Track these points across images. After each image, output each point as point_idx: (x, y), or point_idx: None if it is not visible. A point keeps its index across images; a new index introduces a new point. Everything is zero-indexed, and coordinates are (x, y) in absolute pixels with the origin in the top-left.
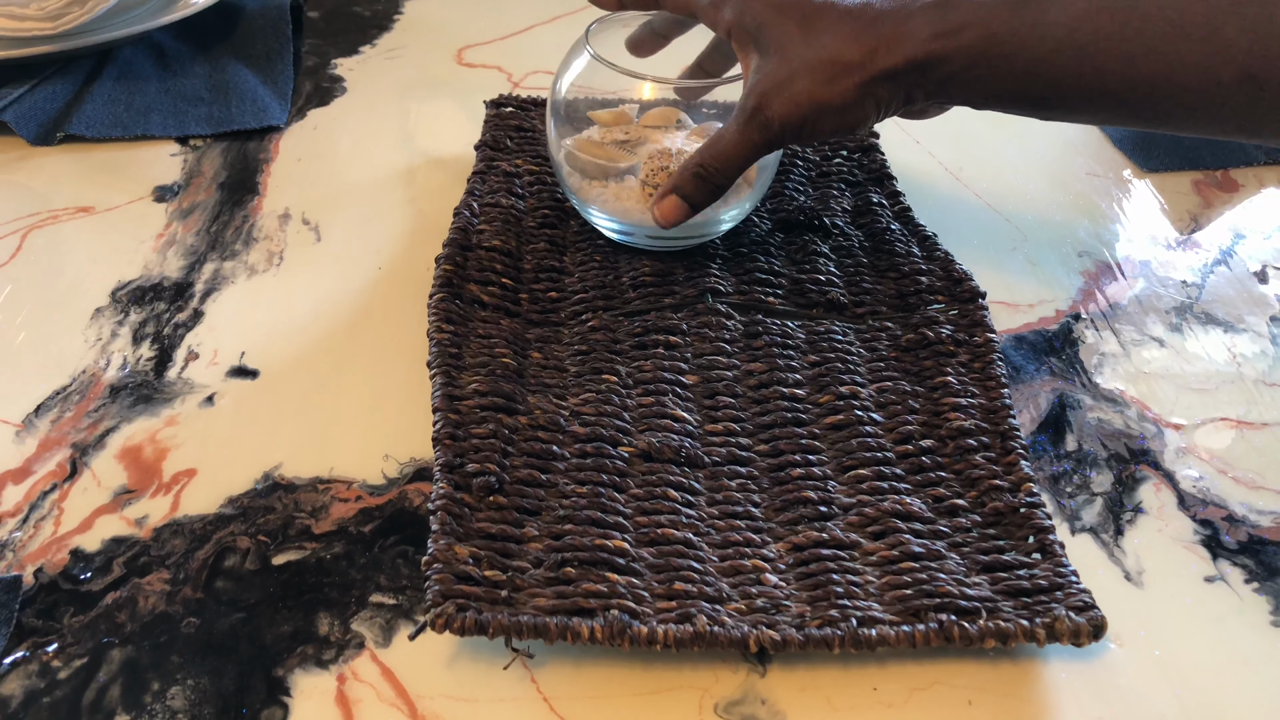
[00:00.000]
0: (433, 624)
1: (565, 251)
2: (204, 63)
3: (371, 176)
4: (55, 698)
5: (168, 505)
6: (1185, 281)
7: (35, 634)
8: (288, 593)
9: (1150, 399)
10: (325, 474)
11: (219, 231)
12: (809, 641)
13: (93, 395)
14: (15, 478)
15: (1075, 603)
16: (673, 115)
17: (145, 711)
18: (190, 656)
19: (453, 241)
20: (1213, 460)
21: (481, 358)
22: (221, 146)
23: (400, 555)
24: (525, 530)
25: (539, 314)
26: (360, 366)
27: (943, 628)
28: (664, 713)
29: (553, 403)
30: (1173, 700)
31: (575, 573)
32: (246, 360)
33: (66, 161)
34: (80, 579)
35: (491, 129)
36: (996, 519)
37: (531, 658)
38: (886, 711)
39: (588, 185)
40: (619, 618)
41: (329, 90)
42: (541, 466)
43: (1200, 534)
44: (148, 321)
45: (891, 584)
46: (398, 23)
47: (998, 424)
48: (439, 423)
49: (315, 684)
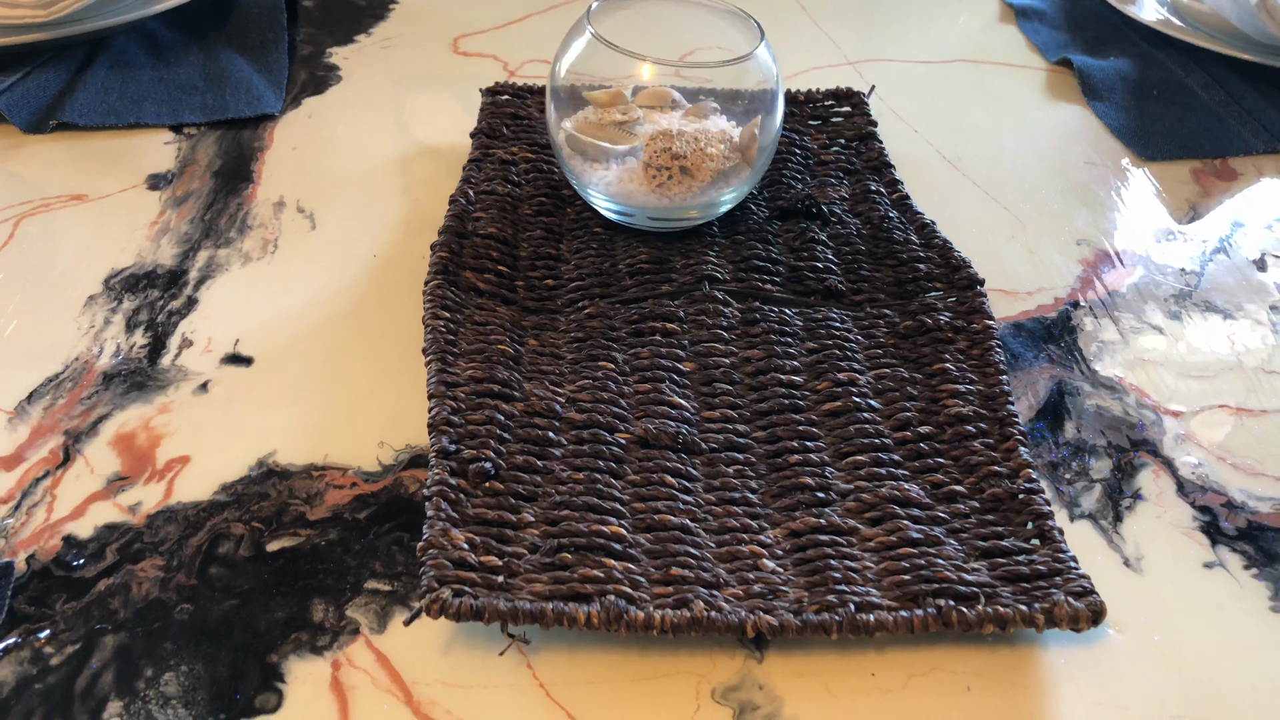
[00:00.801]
0: (428, 609)
1: (562, 239)
2: (198, 51)
3: (366, 165)
4: (48, 684)
5: (161, 492)
6: (1184, 269)
7: (27, 620)
8: (282, 579)
9: (1149, 386)
10: (320, 461)
11: (213, 219)
12: (806, 627)
13: (86, 382)
14: (7, 464)
15: (1074, 588)
16: (666, 95)
17: (139, 698)
18: (184, 643)
19: (448, 229)
20: (1212, 447)
21: (478, 345)
22: (216, 135)
23: (395, 542)
24: (521, 516)
25: (535, 301)
26: (355, 354)
27: (941, 613)
28: (661, 698)
29: (549, 389)
30: (1172, 685)
31: (572, 558)
32: (240, 348)
33: (59, 149)
34: (73, 565)
35: (488, 116)
36: (995, 505)
37: (528, 644)
38: (884, 697)
39: (589, 168)
40: (615, 603)
41: (324, 79)
42: (538, 453)
43: (1199, 520)
44: (141, 309)
45: (889, 570)
46: (393, 11)
47: (996, 410)
48: (434, 409)
49: (310, 670)
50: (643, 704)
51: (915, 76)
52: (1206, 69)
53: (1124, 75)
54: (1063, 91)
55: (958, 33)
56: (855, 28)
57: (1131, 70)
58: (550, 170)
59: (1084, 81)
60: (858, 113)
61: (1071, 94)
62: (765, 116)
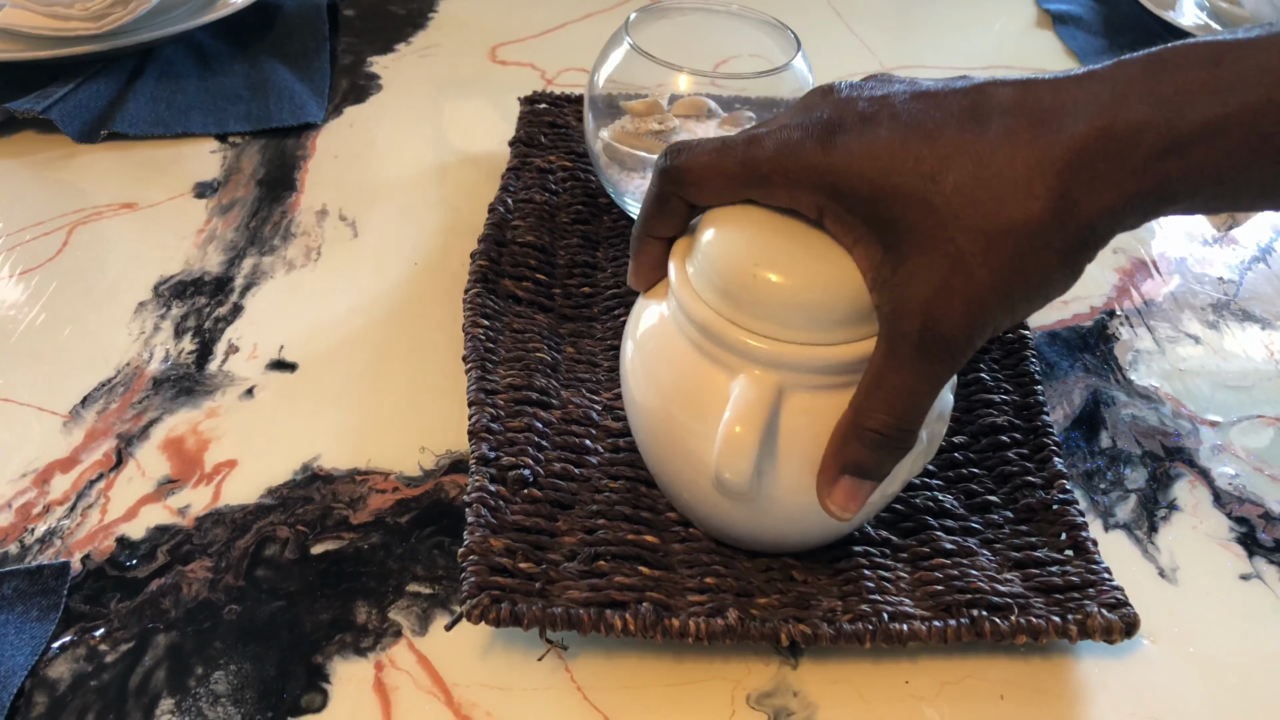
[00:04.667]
0: (468, 615)
1: (598, 246)
2: (243, 61)
3: (407, 173)
4: (102, 681)
5: (209, 495)
6: (1222, 278)
7: (83, 619)
8: (326, 582)
9: (1185, 396)
10: (363, 465)
11: (258, 227)
12: (840, 636)
13: (136, 387)
14: (63, 467)
15: (1108, 600)
16: (702, 105)
17: (190, 695)
18: (232, 643)
19: (488, 237)
20: (1249, 458)
21: (516, 352)
22: (260, 143)
23: (436, 546)
24: (559, 524)
25: (572, 309)
26: (397, 360)
27: (974, 623)
28: (696, 703)
29: (586, 397)
30: (1207, 697)
31: (608, 566)
32: (285, 354)
33: (110, 159)
34: (126, 566)
35: (525, 125)
36: (1029, 515)
37: (566, 649)
38: (917, 705)
39: (627, 176)
40: (651, 610)
41: (365, 88)
42: (575, 460)
43: (1236, 531)
44: (189, 315)
45: (923, 580)
46: (432, 21)
47: (1031, 420)
48: (474, 416)
49: (354, 671)
50: (678, 709)
51: None
52: None
53: None
54: None
55: (993, 38)
56: (889, 32)
57: None
58: (587, 178)
59: None
60: None
61: None
62: None
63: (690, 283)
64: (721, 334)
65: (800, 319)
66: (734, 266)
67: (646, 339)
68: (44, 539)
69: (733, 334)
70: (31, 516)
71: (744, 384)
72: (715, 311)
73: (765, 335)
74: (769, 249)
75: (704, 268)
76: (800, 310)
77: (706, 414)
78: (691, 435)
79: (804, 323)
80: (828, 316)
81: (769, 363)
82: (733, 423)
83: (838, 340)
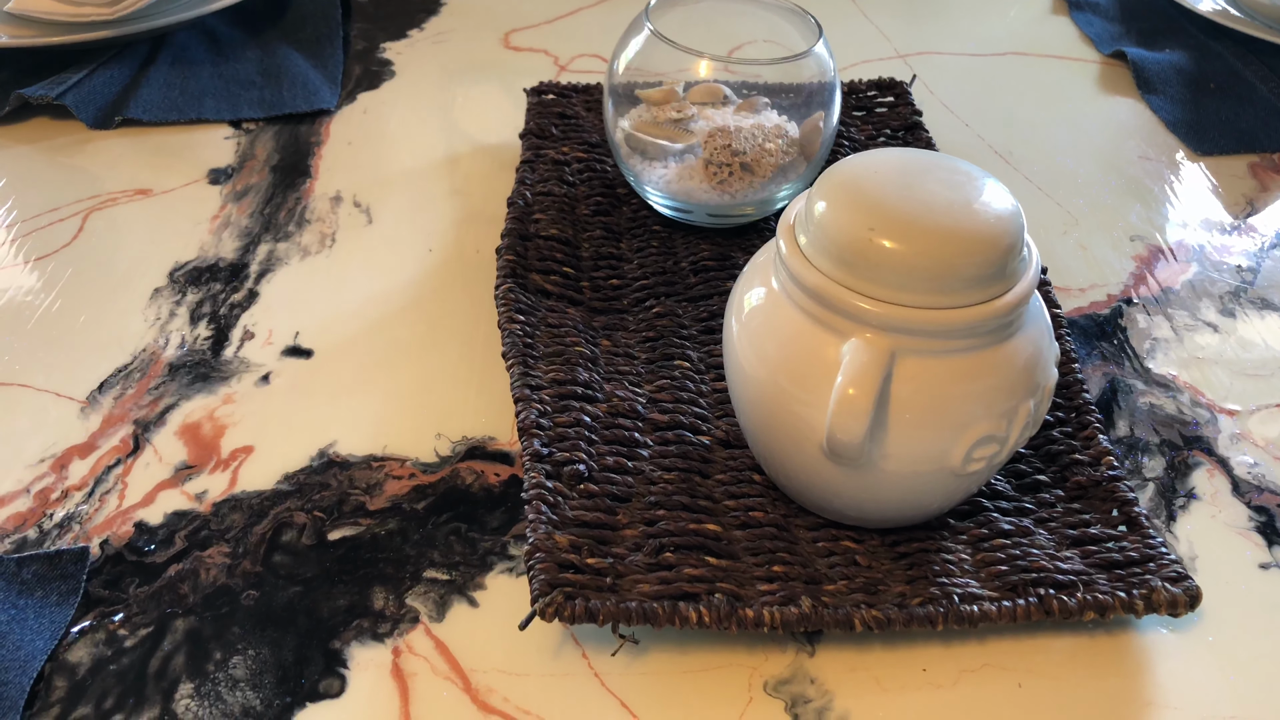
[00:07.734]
0: (542, 613)
1: (621, 238)
2: (255, 47)
3: (420, 159)
4: (122, 665)
5: (226, 481)
6: (1240, 266)
7: (102, 604)
8: (343, 567)
9: (1203, 384)
10: (379, 452)
11: (272, 213)
12: (913, 620)
13: (153, 373)
14: (81, 452)
15: (1169, 574)
16: (718, 91)
17: (209, 679)
18: (250, 628)
19: (511, 231)
20: (1268, 446)
21: (555, 347)
22: (273, 130)
23: (453, 532)
24: (618, 516)
25: (602, 301)
26: (412, 346)
27: (1042, 602)
28: (713, 690)
29: (630, 390)
30: (1225, 686)
31: (674, 557)
32: (300, 340)
33: (124, 145)
34: (144, 551)
35: (535, 117)
36: (1080, 493)
37: (637, 644)
38: (935, 692)
39: (648, 166)
40: (724, 601)
41: (378, 74)
42: (627, 454)
43: (1255, 520)
44: (204, 301)
45: (986, 560)
46: (445, 6)
47: (1072, 399)
48: (522, 412)
49: (371, 656)
50: (696, 695)
51: (966, 69)
52: (1265, 61)
53: (1179, 68)
54: (1116, 85)
55: (1009, 24)
56: (905, 19)
57: (1187, 63)
58: (603, 169)
59: (1138, 74)
60: (901, 102)
61: (1125, 87)
62: (825, 111)
63: (801, 251)
64: (834, 298)
65: (915, 282)
66: (848, 231)
67: (752, 316)
68: (63, 524)
69: (846, 297)
70: (50, 502)
71: (857, 346)
72: (827, 277)
73: (879, 299)
74: (883, 211)
75: (817, 236)
76: (915, 273)
77: (817, 382)
78: (800, 404)
79: (919, 285)
80: (943, 279)
81: (882, 325)
82: (846, 385)
83: (953, 305)
